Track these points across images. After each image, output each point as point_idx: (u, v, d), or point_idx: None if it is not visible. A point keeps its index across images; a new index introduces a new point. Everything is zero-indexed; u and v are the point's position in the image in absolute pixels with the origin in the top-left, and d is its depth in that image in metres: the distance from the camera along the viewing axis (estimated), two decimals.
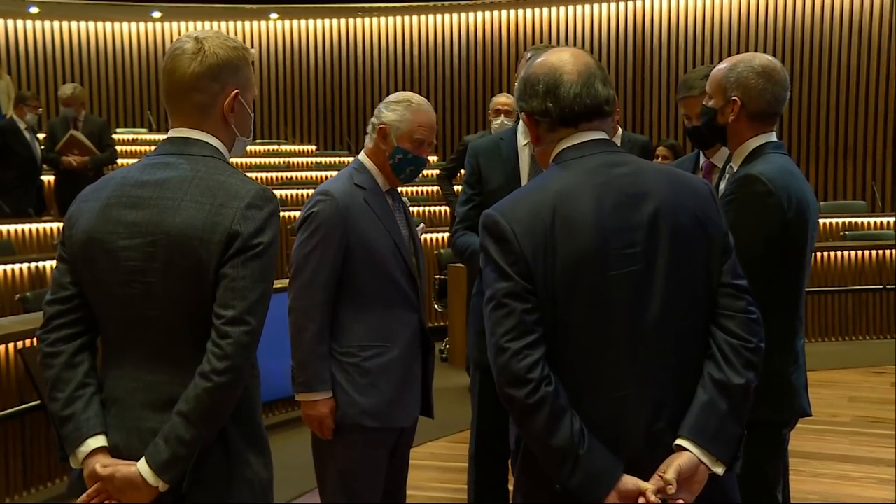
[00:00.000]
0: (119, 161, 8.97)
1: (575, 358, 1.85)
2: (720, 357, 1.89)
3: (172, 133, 2.03)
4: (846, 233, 8.72)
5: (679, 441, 1.86)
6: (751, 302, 1.93)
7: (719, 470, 1.87)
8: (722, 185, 2.78)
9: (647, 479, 1.83)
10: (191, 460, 1.88)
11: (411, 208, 3.40)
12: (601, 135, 1.96)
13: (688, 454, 1.84)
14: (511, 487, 2.10)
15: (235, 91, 2.01)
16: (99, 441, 1.93)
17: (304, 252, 2.83)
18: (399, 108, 2.95)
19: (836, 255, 7.86)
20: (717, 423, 1.86)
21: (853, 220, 9.08)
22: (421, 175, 3.07)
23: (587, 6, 13.22)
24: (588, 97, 1.93)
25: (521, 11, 13.50)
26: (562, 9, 13.33)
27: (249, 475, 1.98)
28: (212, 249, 1.87)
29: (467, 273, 5.34)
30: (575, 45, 13.28)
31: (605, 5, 13.13)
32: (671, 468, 1.82)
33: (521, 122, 3.41)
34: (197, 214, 1.89)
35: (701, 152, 3.29)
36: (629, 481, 1.82)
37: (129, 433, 1.94)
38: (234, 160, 2.09)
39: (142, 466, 1.88)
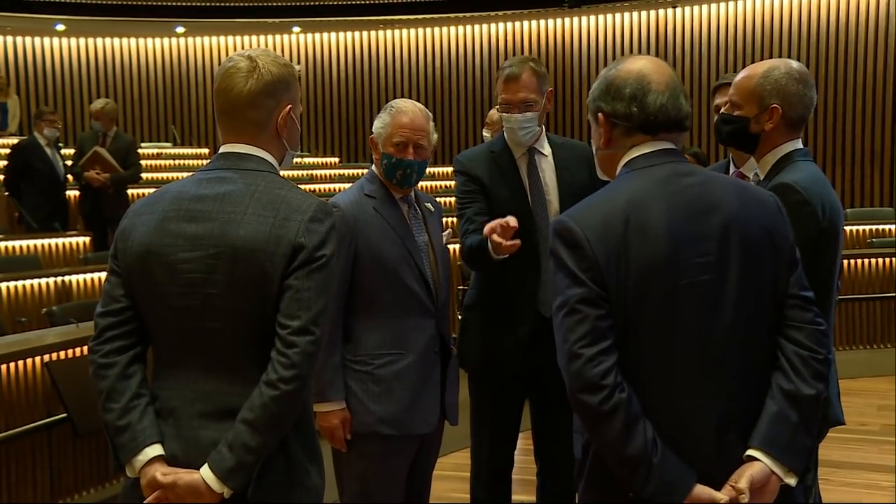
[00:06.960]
0: (144, 175, 9.01)
1: (645, 366, 1.85)
2: (789, 368, 1.89)
3: (225, 149, 2.08)
4: (873, 240, 8.60)
5: (751, 451, 1.86)
6: (818, 314, 1.93)
7: (791, 481, 1.87)
8: None
9: (716, 490, 1.83)
10: (256, 467, 1.92)
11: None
12: (671, 145, 1.98)
13: (760, 464, 1.85)
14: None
15: (289, 106, 2.06)
16: (156, 450, 1.97)
17: None
18: (383, 115, 2.97)
19: (863, 263, 7.76)
20: (789, 434, 1.86)
21: (880, 227, 8.97)
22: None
23: (608, 16, 13.20)
24: (673, 109, 1.95)
25: (542, 22, 13.51)
26: (583, 19, 13.32)
27: (308, 483, 2.03)
28: (276, 262, 1.92)
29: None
30: (596, 54, 13.27)
31: (626, 14, 13.11)
32: (743, 478, 1.83)
33: (504, 134, 3.21)
34: (261, 227, 1.94)
35: (732, 162, 3.26)
36: (703, 491, 1.82)
37: (187, 443, 1.97)
38: None
39: (206, 473, 1.91)
